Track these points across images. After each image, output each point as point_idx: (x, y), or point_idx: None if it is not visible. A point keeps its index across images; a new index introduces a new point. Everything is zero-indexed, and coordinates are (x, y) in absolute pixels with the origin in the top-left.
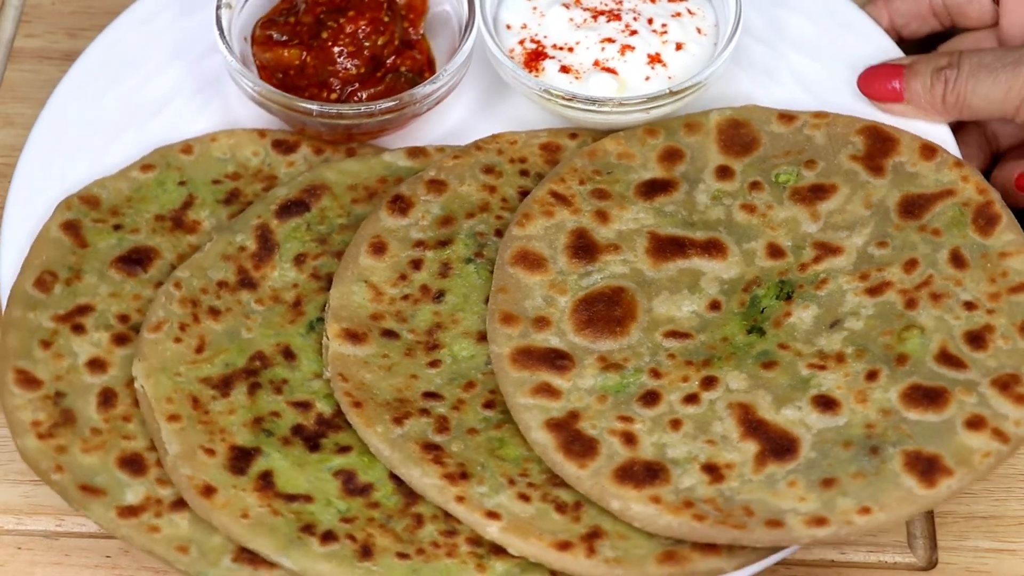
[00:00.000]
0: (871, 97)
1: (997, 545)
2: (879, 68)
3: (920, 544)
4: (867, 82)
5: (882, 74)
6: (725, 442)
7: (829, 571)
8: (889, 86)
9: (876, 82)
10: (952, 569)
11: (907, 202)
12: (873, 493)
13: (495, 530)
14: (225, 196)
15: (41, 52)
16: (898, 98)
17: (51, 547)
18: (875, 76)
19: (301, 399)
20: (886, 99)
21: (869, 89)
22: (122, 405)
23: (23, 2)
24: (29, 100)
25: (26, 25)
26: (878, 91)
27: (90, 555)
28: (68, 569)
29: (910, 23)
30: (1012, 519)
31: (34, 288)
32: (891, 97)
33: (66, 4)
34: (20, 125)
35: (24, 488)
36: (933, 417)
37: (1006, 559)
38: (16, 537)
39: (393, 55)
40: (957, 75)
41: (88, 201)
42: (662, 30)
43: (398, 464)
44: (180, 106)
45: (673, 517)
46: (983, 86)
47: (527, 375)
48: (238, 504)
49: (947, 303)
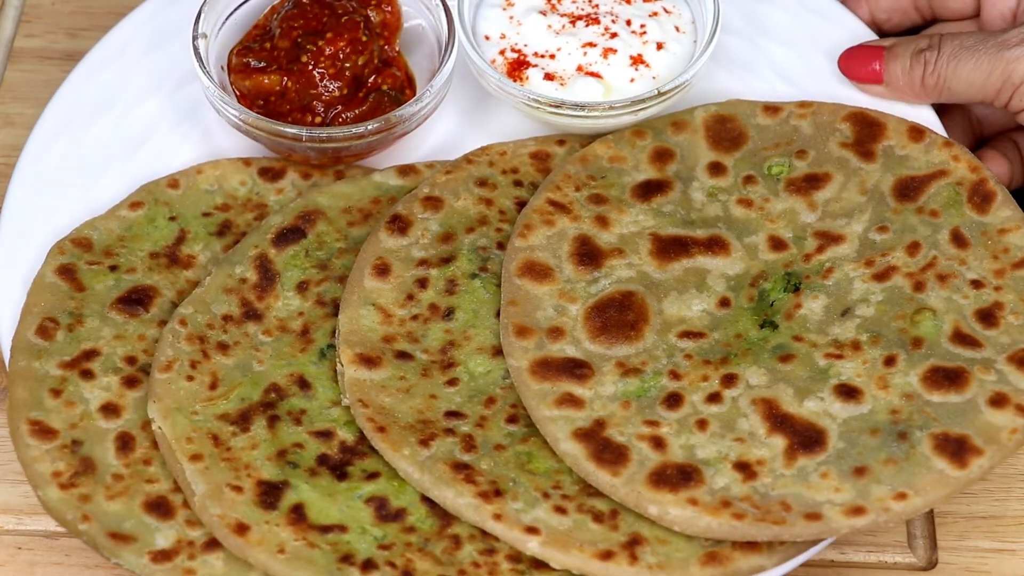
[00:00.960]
0: (851, 78)
1: (997, 545)
2: (859, 49)
3: (920, 544)
4: (847, 63)
5: (862, 55)
6: (753, 439)
7: (829, 571)
8: (869, 67)
9: (856, 63)
10: (952, 569)
11: (901, 185)
12: (907, 478)
13: (536, 545)
14: (217, 228)
15: (41, 52)
16: (878, 79)
17: (51, 547)
18: (855, 57)
19: (322, 428)
20: (866, 80)
21: (849, 70)
22: (140, 448)
23: (23, 2)
24: (29, 100)
25: (26, 25)
26: (858, 72)
27: (90, 555)
28: (68, 569)
29: (891, 17)
30: (1012, 519)
31: (36, 336)
32: (871, 78)
33: (66, 4)
34: (20, 125)
35: (24, 488)
36: (956, 398)
37: (1006, 559)
38: (16, 537)
39: (373, 74)
40: (937, 57)
41: (80, 243)
42: (641, 31)
43: (430, 486)
44: (161, 138)
45: (712, 518)
46: (964, 68)
47: (548, 386)
48: (273, 540)
49: (954, 283)
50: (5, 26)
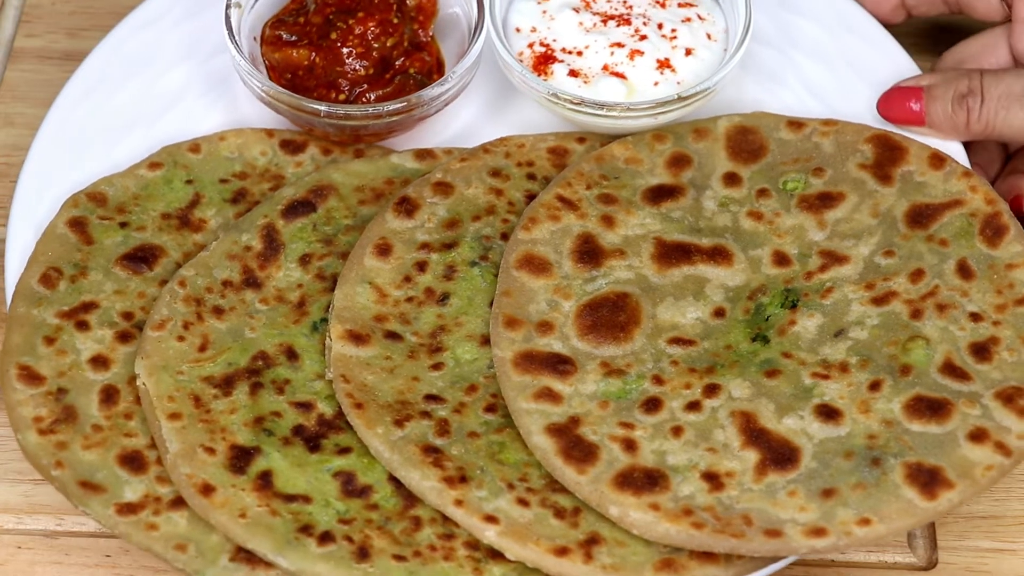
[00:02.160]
0: (891, 121)
1: (997, 545)
2: (896, 91)
3: (920, 544)
4: (886, 107)
5: (900, 96)
6: (726, 450)
7: (829, 571)
8: (908, 108)
9: (895, 105)
10: (952, 569)
11: (915, 211)
12: (873, 504)
13: (493, 534)
14: (232, 195)
15: (41, 52)
16: (919, 121)
17: (51, 546)
18: (893, 100)
19: (303, 400)
20: (907, 122)
21: (888, 113)
22: (124, 402)
23: (23, 2)
24: (29, 100)
25: (26, 25)
26: (898, 114)
27: (90, 554)
28: (68, 568)
29: (920, 4)
30: (1012, 519)
31: (39, 284)
32: (912, 119)
33: (66, 4)
34: (20, 125)
35: (24, 487)
36: (936, 429)
37: (1006, 559)
38: (16, 536)
39: (402, 57)
40: (983, 103)
41: (95, 198)
42: (672, 35)
43: (398, 466)
44: (189, 105)
45: (671, 525)
46: (1015, 117)
47: (529, 379)
48: (237, 503)
49: (952, 314)
50: (5, 26)
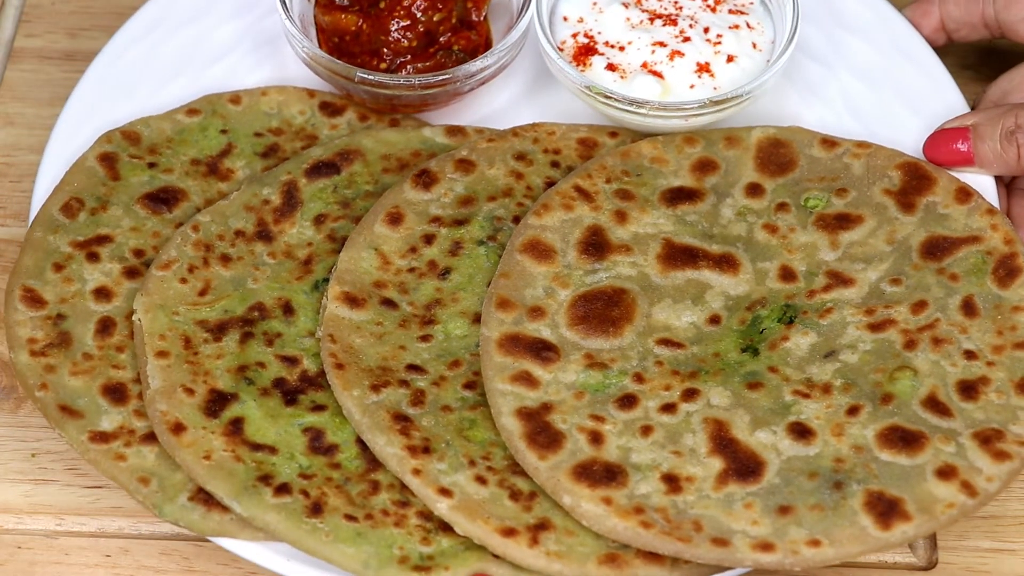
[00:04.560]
0: (939, 163)
1: (997, 545)
2: (942, 133)
3: (920, 544)
4: (933, 150)
5: (946, 138)
6: (692, 455)
7: (829, 571)
8: (955, 148)
9: (941, 148)
10: (952, 569)
11: (931, 243)
12: (827, 527)
13: (444, 507)
14: (264, 149)
15: (41, 52)
16: (968, 162)
17: (51, 546)
18: (939, 142)
19: (290, 354)
20: (954, 163)
21: (936, 157)
22: (119, 335)
23: (23, 2)
24: (29, 100)
25: (26, 25)
26: (945, 156)
27: (90, 554)
28: (68, 568)
29: (960, 29)
30: (1012, 519)
31: (60, 213)
32: (960, 160)
33: (66, 4)
34: (20, 125)
35: (24, 487)
36: (905, 460)
37: (1006, 559)
38: (16, 536)
39: (448, 33)
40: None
41: (129, 136)
42: (716, 40)
43: (365, 430)
44: (236, 60)
45: (620, 520)
46: None
47: (510, 361)
48: (203, 445)
49: (947, 349)
50: (5, 26)
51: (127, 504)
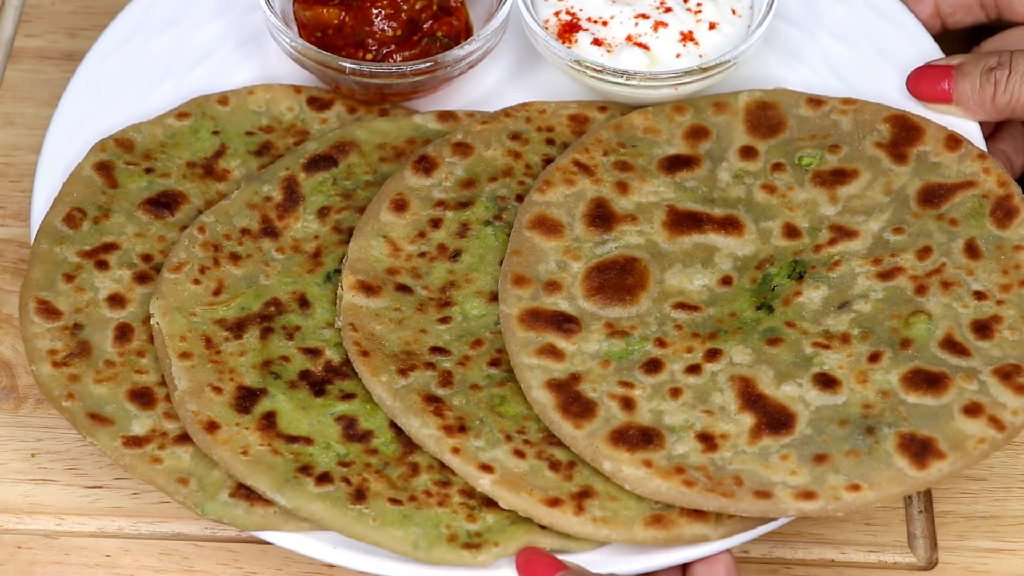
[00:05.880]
0: (919, 98)
1: (997, 545)
2: (927, 69)
3: (920, 544)
4: (915, 83)
5: (930, 75)
6: (723, 413)
7: (829, 571)
8: (938, 87)
9: (925, 83)
10: (952, 569)
11: (927, 191)
12: (864, 471)
13: (487, 483)
14: (257, 148)
15: (41, 52)
16: (947, 99)
17: (51, 547)
18: (923, 77)
19: (312, 346)
20: (935, 100)
21: (917, 90)
22: (137, 341)
23: (23, 2)
24: (29, 100)
25: (26, 25)
26: (926, 92)
27: (90, 554)
28: (68, 568)
29: (955, 12)
30: (1012, 519)
31: (63, 224)
32: (940, 98)
33: (66, 4)
34: (20, 125)
35: (24, 488)
36: (931, 401)
37: (1006, 559)
38: (16, 536)
39: (430, 20)
40: (1008, 76)
41: (122, 144)
42: (697, 9)
43: (399, 413)
44: (220, 59)
45: (662, 481)
46: None
47: (533, 336)
48: (239, 441)
49: (957, 291)
50: (5, 26)
51: (127, 504)
